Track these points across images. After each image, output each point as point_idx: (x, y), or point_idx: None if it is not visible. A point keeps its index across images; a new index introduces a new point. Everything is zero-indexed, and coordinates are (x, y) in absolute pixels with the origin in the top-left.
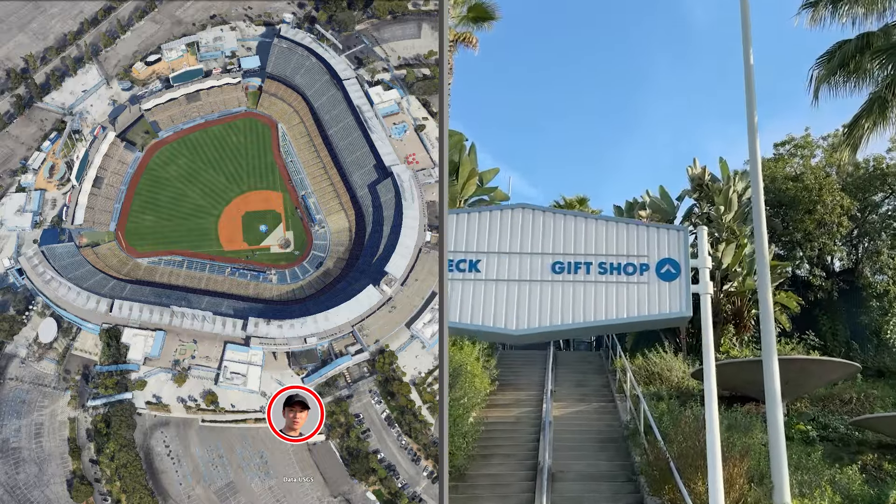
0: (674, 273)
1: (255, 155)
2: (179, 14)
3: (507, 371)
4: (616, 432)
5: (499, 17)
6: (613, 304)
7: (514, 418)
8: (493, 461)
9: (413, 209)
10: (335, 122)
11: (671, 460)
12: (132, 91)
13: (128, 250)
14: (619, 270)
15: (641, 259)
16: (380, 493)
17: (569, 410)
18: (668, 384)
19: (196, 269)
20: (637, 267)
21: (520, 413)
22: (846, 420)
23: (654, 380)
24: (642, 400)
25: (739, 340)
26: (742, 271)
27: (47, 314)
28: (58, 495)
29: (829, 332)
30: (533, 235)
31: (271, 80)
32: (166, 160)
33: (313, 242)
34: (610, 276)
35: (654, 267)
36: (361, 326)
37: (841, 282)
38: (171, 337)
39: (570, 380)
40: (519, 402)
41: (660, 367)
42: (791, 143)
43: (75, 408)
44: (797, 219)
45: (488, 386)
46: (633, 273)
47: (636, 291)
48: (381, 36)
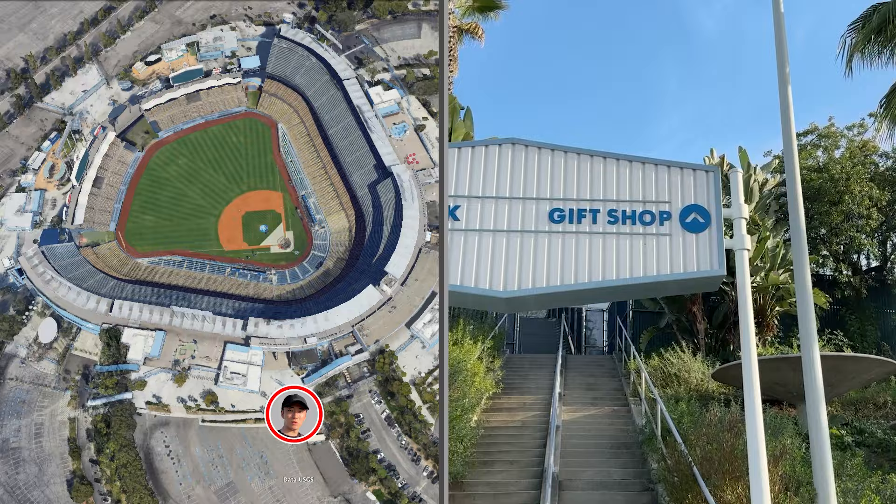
0: (702, 223)
1: (255, 155)
2: (179, 14)
3: (513, 374)
4: (630, 437)
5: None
6: (626, 260)
7: (520, 423)
8: (495, 468)
9: (413, 209)
10: (335, 122)
11: (694, 465)
12: (132, 91)
13: (128, 250)
14: (634, 219)
15: (662, 205)
16: (380, 493)
17: (579, 415)
18: (686, 386)
19: (196, 269)
20: (656, 215)
21: (526, 417)
22: (883, 425)
23: (671, 382)
24: (659, 401)
25: (762, 341)
26: (765, 265)
27: (47, 314)
28: (58, 495)
29: (857, 333)
30: (526, 177)
31: (271, 80)
32: (166, 160)
33: (313, 242)
34: (622, 227)
35: (677, 215)
36: (361, 326)
37: (870, 279)
38: (171, 337)
39: (580, 383)
40: (525, 407)
41: (677, 367)
42: (814, 133)
43: (75, 408)
44: (822, 211)
45: (491, 387)
46: (652, 222)
47: (655, 245)
48: (381, 36)
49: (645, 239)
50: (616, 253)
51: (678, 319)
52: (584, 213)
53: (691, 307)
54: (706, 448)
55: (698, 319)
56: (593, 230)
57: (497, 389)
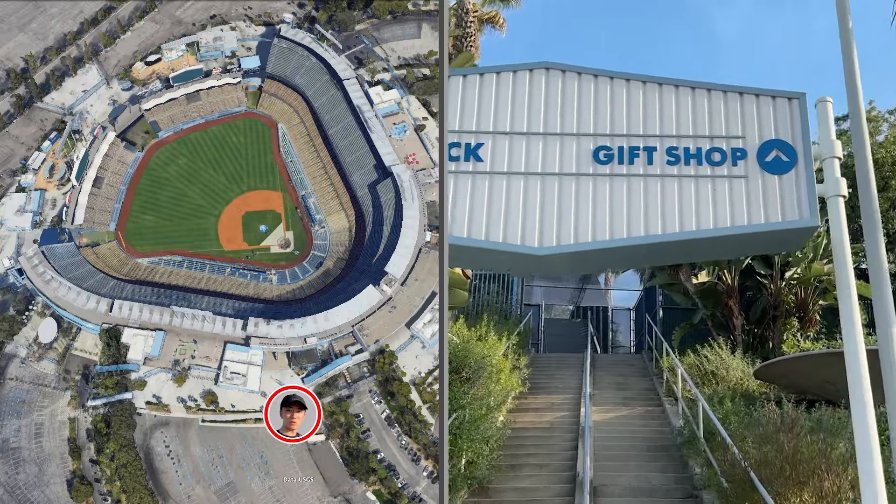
0: (786, 162)
1: (255, 155)
2: (179, 14)
3: (539, 374)
4: (667, 440)
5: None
6: (691, 209)
7: (548, 424)
8: (523, 472)
9: (413, 209)
10: (335, 122)
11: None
12: (132, 91)
13: (128, 250)
14: (700, 159)
15: (734, 141)
16: (380, 493)
17: (610, 416)
18: (725, 385)
19: (196, 269)
20: (727, 153)
21: (554, 418)
22: None
23: (708, 381)
24: (701, 399)
25: (804, 336)
26: (806, 256)
27: (47, 314)
28: (58, 495)
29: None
30: (564, 109)
31: (271, 80)
32: (166, 160)
33: (313, 242)
34: (684, 168)
35: (754, 153)
36: (361, 326)
37: None
38: (171, 337)
39: (610, 382)
40: (553, 407)
41: (715, 365)
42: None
43: (75, 408)
44: None
45: (517, 386)
46: (722, 162)
47: (727, 189)
48: (381, 36)
49: (714, 182)
50: (678, 200)
51: (713, 314)
52: (637, 151)
53: (727, 301)
54: (762, 451)
55: (734, 314)
56: (648, 172)
57: (523, 389)
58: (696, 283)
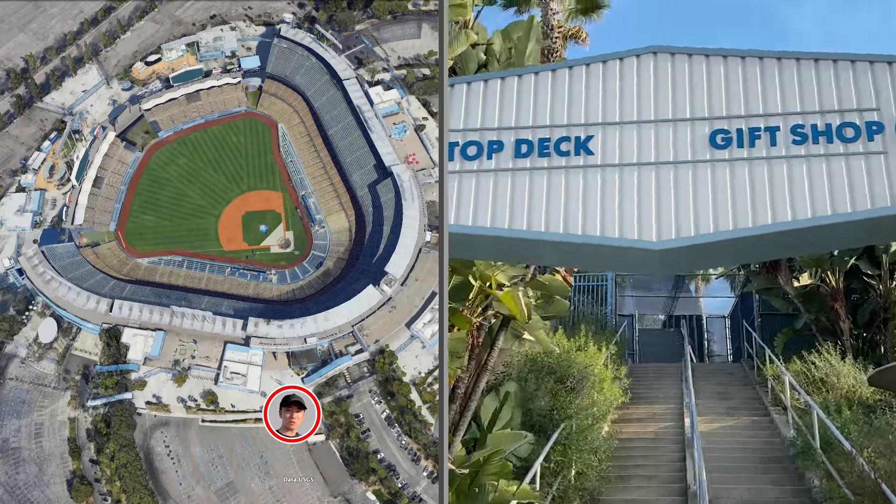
0: None
1: (255, 155)
2: (179, 14)
3: (637, 384)
4: (779, 450)
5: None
6: (824, 191)
7: (652, 434)
8: (632, 483)
9: (413, 209)
10: (335, 122)
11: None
12: (132, 91)
13: (128, 250)
14: (830, 136)
15: (868, 114)
16: (380, 493)
17: (715, 426)
18: (836, 393)
19: (196, 269)
20: (861, 128)
21: (658, 428)
22: None
23: (816, 388)
24: (816, 409)
25: None
26: None
27: (47, 314)
28: (58, 495)
29: None
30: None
31: (271, 80)
32: (166, 160)
33: (313, 242)
34: (813, 147)
35: (892, 126)
36: (361, 326)
37: None
38: (171, 337)
39: (710, 392)
40: (655, 417)
41: (824, 372)
42: None
43: (75, 408)
44: None
45: (619, 396)
46: (856, 138)
47: (863, 168)
48: (381, 36)
49: (847, 161)
50: (808, 182)
51: (817, 319)
52: (758, 132)
53: (832, 304)
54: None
55: (841, 318)
56: (772, 154)
57: (624, 399)
58: (797, 286)
